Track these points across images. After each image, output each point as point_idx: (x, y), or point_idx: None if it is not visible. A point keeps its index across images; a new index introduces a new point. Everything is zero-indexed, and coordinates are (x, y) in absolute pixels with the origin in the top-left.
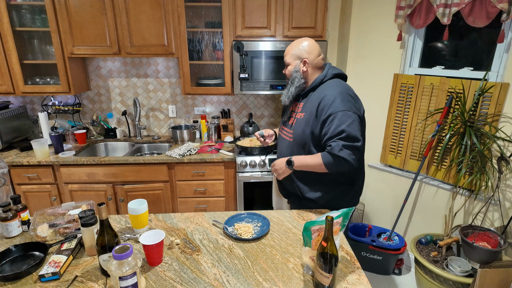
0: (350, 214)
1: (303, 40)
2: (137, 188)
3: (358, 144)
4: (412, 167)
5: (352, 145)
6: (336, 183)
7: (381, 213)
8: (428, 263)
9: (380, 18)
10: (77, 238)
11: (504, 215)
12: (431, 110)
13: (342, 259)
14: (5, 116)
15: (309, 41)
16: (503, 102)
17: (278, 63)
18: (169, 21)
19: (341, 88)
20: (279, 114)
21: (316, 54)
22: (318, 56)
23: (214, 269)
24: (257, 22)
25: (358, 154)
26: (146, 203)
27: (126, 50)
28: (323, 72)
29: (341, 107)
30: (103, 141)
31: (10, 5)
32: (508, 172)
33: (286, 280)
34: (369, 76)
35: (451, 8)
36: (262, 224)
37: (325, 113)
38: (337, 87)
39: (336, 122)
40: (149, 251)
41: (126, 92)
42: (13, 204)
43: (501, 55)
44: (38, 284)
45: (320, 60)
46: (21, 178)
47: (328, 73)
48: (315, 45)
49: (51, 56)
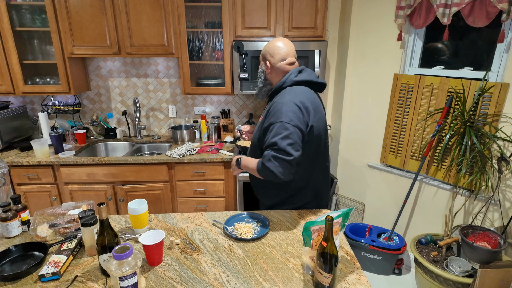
0: (350, 214)
1: (275, 40)
2: (137, 188)
3: (287, 158)
4: (412, 167)
5: (281, 158)
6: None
7: (381, 213)
8: (428, 263)
9: (380, 18)
10: (77, 238)
11: (504, 215)
12: (431, 110)
13: (342, 259)
14: (5, 116)
15: (278, 42)
16: (503, 102)
17: None
18: (169, 21)
19: (292, 97)
20: None
21: (280, 58)
22: (282, 61)
23: (214, 269)
24: (257, 22)
25: (289, 168)
26: (146, 203)
27: (126, 50)
28: (284, 78)
29: (281, 117)
30: (103, 141)
31: (10, 5)
32: (508, 172)
33: (286, 280)
34: (369, 76)
35: (451, 8)
36: (262, 224)
37: (268, 120)
38: (289, 95)
39: (273, 132)
40: (149, 251)
41: (126, 92)
42: (13, 204)
43: (501, 55)
44: (38, 284)
45: (284, 64)
46: (21, 178)
47: (287, 80)
48: (281, 48)
49: (51, 56)
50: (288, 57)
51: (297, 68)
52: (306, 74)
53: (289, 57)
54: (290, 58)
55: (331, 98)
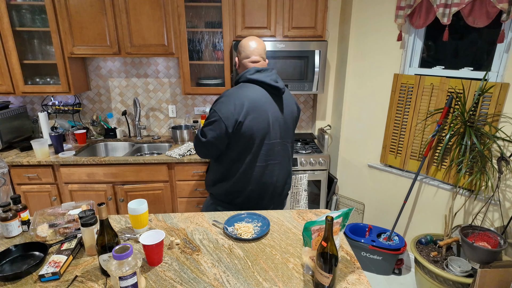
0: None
1: (247, 39)
2: (137, 188)
3: (202, 140)
4: (412, 167)
5: (199, 137)
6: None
7: (381, 213)
8: (428, 263)
9: (380, 18)
10: (77, 238)
11: (504, 215)
12: (431, 110)
13: (342, 259)
14: (5, 116)
15: (248, 41)
16: (503, 102)
17: (278, 63)
18: (169, 21)
19: (234, 91)
20: None
21: (245, 55)
22: (246, 58)
23: (214, 269)
24: (257, 22)
25: (202, 148)
26: (146, 203)
27: (126, 50)
28: (241, 73)
29: (215, 105)
30: (103, 141)
31: (10, 5)
32: (508, 172)
33: (286, 280)
34: (369, 76)
35: (451, 8)
36: (262, 224)
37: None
38: (234, 89)
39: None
40: (149, 251)
41: (126, 92)
42: (13, 204)
43: (501, 55)
44: (38, 284)
45: (247, 62)
46: (21, 178)
47: (243, 76)
48: (248, 47)
49: (51, 56)
50: (252, 55)
51: (257, 67)
52: (263, 75)
53: (253, 56)
54: (253, 57)
55: (331, 98)
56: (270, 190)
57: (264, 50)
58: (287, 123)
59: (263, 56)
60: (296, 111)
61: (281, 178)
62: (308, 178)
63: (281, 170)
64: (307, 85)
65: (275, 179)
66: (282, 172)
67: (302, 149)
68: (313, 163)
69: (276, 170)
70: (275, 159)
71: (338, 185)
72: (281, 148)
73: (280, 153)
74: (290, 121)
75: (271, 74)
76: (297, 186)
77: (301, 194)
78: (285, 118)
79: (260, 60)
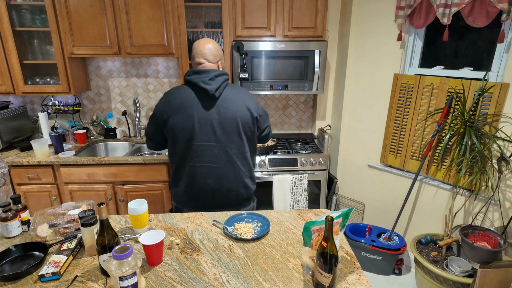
0: (350, 214)
1: (200, 41)
2: (137, 188)
3: (145, 131)
4: (412, 167)
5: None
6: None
7: (381, 213)
8: (428, 263)
9: (380, 18)
10: (77, 238)
11: (504, 215)
12: (431, 110)
13: (342, 259)
14: (5, 116)
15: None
16: (503, 102)
17: (278, 63)
18: (169, 21)
19: (170, 90)
20: (279, 114)
21: (192, 56)
22: (193, 60)
23: (214, 269)
24: (257, 22)
25: (146, 139)
26: (146, 203)
27: (126, 50)
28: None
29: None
30: (103, 141)
31: (10, 5)
32: (508, 172)
33: (286, 280)
34: (369, 76)
35: (451, 8)
36: (262, 224)
37: None
38: (173, 88)
39: None
40: (149, 251)
41: (126, 92)
42: (13, 204)
43: (501, 55)
44: (38, 284)
45: (193, 63)
46: (21, 178)
47: (184, 76)
48: (195, 48)
49: (51, 56)
50: (196, 57)
51: (195, 69)
52: (196, 76)
53: (197, 58)
54: (197, 59)
55: (331, 98)
56: (209, 192)
57: (211, 52)
58: (226, 128)
59: (208, 58)
60: (249, 116)
61: (222, 182)
62: (308, 178)
63: (219, 173)
64: (307, 85)
65: (210, 182)
66: (223, 176)
67: (302, 149)
68: (313, 163)
69: (211, 173)
70: (208, 162)
71: (338, 185)
72: (219, 152)
73: (216, 157)
74: (233, 126)
75: (204, 77)
76: (297, 186)
77: (301, 194)
78: (223, 123)
79: (204, 62)
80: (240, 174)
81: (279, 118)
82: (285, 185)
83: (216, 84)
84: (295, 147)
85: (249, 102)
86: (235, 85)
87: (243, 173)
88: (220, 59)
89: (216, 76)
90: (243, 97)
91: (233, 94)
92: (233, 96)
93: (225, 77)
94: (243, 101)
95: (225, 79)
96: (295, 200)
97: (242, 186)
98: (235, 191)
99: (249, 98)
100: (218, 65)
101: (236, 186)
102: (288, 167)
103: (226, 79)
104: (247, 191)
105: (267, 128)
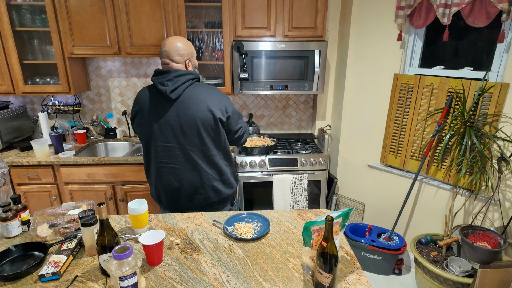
0: (350, 214)
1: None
2: (137, 188)
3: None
4: (412, 167)
5: None
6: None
7: (381, 213)
8: (428, 263)
9: (380, 18)
10: (77, 238)
11: (504, 215)
12: (431, 110)
13: (342, 259)
14: (5, 116)
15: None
16: (503, 102)
17: (278, 63)
18: (169, 21)
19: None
20: (279, 114)
21: (160, 55)
22: (160, 59)
23: (214, 269)
24: (257, 22)
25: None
26: (146, 203)
27: (126, 50)
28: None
29: None
30: (103, 141)
31: (10, 5)
32: (508, 172)
33: (286, 280)
34: (369, 76)
35: (451, 8)
36: (262, 224)
37: None
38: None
39: None
40: (149, 251)
41: (126, 92)
42: (13, 204)
43: (501, 55)
44: (38, 284)
45: (160, 62)
46: (21, 178)
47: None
48: (162, 48)
49: (51, 56)
50: (161, 58)
51: (158, 69)
52: (155, 78)
53: (162, 58)
54: (162, 59)
55: (331, 98)
56: (175, 192)
57: (178, 52)
58: (186, 130)
59: (173, 58)
60: (211, 118)
61: (185, 184)
62: (308, 178)
63: (181, 175)
64: (307, 85)
65: (175, 183)
66: (185, 178)
67: (302, 149)
68: (313, 163)
69: (174, 174)
70: (170, 163)
71: (338, 185)
72: (181, 154)
73: (178, 158)
74: (193, 128)
75: (163, 78)
76: (297, 186)
77: (301, 194)
78: (183, 124)
79: (169, 63)
80: (207, 177)
81: (279, 118)
82: (285, 185)
83: (174, 85)
84: (295, 147)
85: (212, 103)
86: (202, 85)
87: (210, 176)
88: (189, 58)
89: (177, 76)
90: (207, 98)
91: (195, 94)
92: (195, 96)
93: (187, 77)
94: (205, 102)
95: (187, 79)
96: (295, 200)
97: (210, 189)
98: (202, 194)
99: (214, 99)
100: (186, 65)
101: (203, 189)
102: (288, 167)
103: (190, 79)
104: (217, 195)
105: (240, 130)
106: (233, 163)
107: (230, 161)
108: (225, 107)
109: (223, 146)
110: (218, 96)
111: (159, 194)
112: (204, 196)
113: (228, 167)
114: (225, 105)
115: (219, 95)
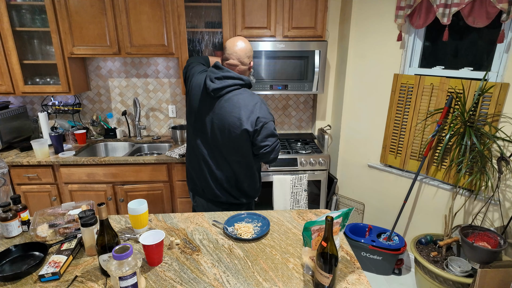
0: (350, 214)
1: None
2: (137, 188)
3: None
4: (412, 167)
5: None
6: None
7: (381, 213)
8: (428, 263)
9: (380, 18)
10: (77, 238)
11: (504, 215)
12: (431, 110)
13: (342, 259)
14: (5, 116)
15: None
16: (503, 102)
17: (278, 63)
18: (169, 21)
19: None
20: (279, 114)
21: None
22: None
23: (214, 269)
24: (257, 22)
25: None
26: (146, 203)
27: (126, 50)
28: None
29: None
30: (103, 141)
31: (10, 5)
32: (508, 172)
33: (286, 280)
34: (369, 76)
35: (451, 8)
36: (262, 224)
37: None
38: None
39: None
40: (149, 251)
41: (126, 92)
42: (13, 204)
43: (501, 55)
44: (38, 284)
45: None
46: (21, 178)
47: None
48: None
49: (51, 56)
50: (230, 58)
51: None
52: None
53: (232, 59)
54: (232, 60)
55: (331, 98)
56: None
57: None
58: (215, 128)
59: (242, 60)
60: (238, 126)
61: (200, 172)
62: (308, 178)
63: (200, 162)
64: (307, 85)
65: (196, 166)
66: (202, 168)
67: (302, 149)
68: (313, 163)
69: (197, 159)
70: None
71: (338, 185)
72: (204, 146)
73: (202, 148)
74: (221, 129)
75: (214, 74)
76: (297, 186)
77: (301, 194)
78: (214, 123)
79: (237, 65)
80: (215, 176)
81: (279, 118)
82: (285, 185)
83: (220, 84)
84: (295, 147)
85: (245, 112)
86: (247, 93)
87: (219, 176)
88: (252, 59)
89: (227, 78)
90: (243, 106)
91: (234, 99)
92: (233, 101)
93: (236, 82)
94: (239, 109)
95: (235, 83)
96: (295, 200)
97: (220, 187)
98: (212, 189)
99: (249, 110)
100: (250, 66)
101: (209, 183)
102: (288, 167)
103: (238, 84)
104: (227, 197)
105: (265, 147)
106: (254, 176)
107: (250, 172)
108: (256, 119)
109: (244, 155)
110: (254, 108)
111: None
112: (212, 193)
113: (247, 178)
114: (258, 118)
115: (256, 107)
